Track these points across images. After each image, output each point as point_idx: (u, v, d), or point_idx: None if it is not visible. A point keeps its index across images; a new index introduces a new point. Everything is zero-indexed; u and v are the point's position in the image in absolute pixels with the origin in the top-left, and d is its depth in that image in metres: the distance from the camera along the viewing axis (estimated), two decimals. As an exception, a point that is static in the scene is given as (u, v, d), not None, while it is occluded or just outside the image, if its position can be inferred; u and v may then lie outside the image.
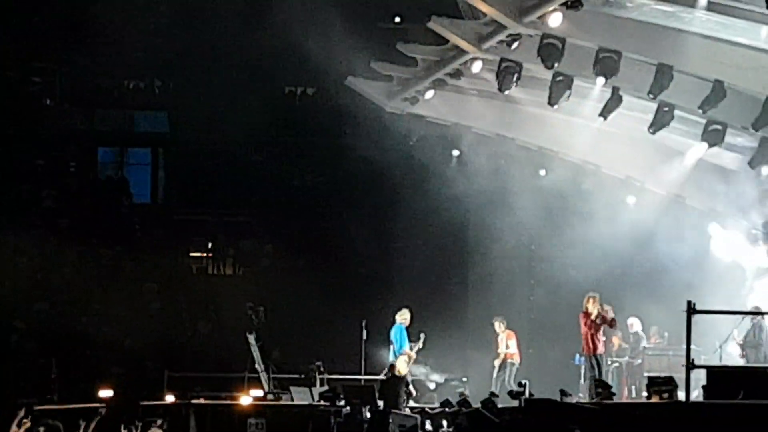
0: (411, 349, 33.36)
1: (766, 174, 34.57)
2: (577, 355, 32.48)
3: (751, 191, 35.46)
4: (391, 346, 33.36)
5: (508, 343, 33.15)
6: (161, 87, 52.80)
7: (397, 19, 36.88)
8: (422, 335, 33.88)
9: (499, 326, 33.39)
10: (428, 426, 27.03)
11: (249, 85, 45.88)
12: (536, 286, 41.32)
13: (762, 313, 29.13)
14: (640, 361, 31.99)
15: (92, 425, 26.37)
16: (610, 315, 29.80)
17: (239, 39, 44.33)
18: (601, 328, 29.05)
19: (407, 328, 33.48)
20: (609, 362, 31.30)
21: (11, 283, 46.17)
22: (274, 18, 38.66)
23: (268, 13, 39.50)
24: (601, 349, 28.89)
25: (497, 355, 34.46)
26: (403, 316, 33.64)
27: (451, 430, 26.13)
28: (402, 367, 32.75)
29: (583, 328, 29.10)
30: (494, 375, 33.00)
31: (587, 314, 28.81)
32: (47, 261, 47.45)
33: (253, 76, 44.16)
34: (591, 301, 28.83)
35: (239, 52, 44.41)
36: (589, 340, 28.87)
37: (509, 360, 32.55)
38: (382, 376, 34.20)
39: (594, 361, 28.82)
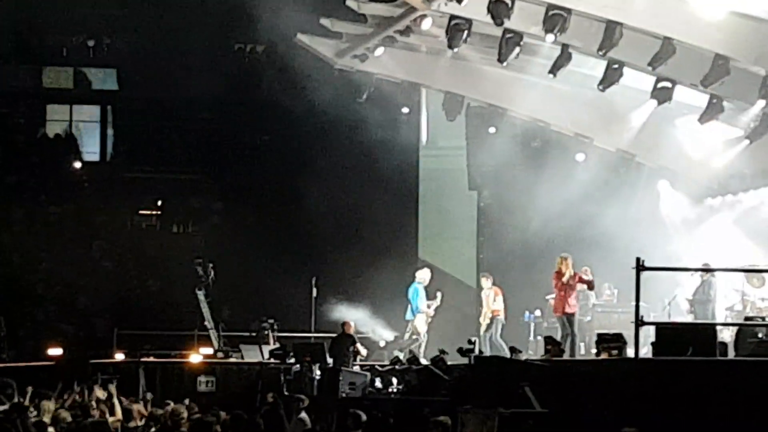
0: (429, 307, 33.31)
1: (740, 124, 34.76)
2: (527, 313, 32.64)
3: (699, 148, 35.72)
4: (409, 306, 33.35)
5: (495, 299, 33.03)
6: (110, 44, 51.93)
7: None
8: (439, 294, 33.79)
9: (485, 282, 33.34)
10: (378, 383, 27.02)
11: (199, 42, 45.45)
12: (486, 245, 41.27)
13: (711, 270, 29.29)
14: (589, 318, 32.19)
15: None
16: (588, 277, 29.82)
17: None
18: (576, 289, 28.99)
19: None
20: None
21: None
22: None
23: None
24: (570, 309, 28.78)
25: (483, 313, 34.31)
26: (422, 276, 33.62)
27: (400, 387, 26.15)
28: (420, 325, 33.06)
29: (555, 288, 29.10)
30: (482, 332, 32.78)
31: (559, 274, 28.81)
32: None
33: (202, 33, 43.54)
34: (562, 261, 28.82)
35: (189, 8, 43.38)
36: (559, 300, 28.87)
37: (497, 317, 32.41)
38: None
39: (566, 320, 28.72)
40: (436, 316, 33.57)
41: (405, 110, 40.46)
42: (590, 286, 29.60)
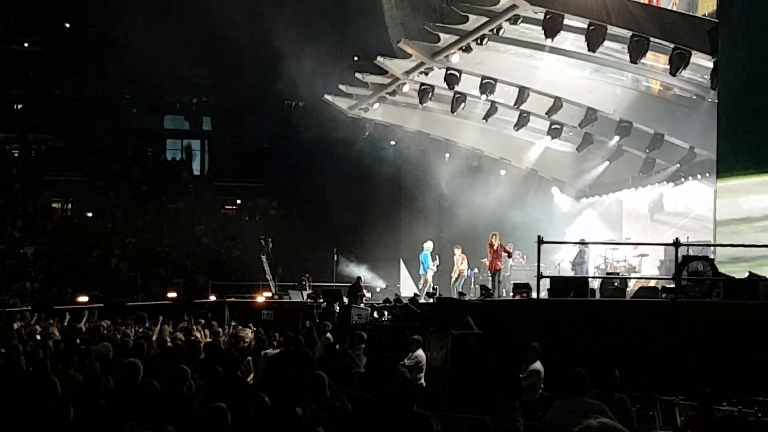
0: (433, 265, 32.81)
1: (595, 153, 35.12)
2: (469, 270, 32.66)
3: (581, 166, 35.91)
4: (421, 266, 32.85)
5: (462, 262, 32.71)
6: (207, 101, 52.35)
7: (356, 58, 37.10)
8: (437, 257, 33.28)
9: (456, 250, 32.88)
10: (375, 314, 27.10)
11: (262, 98, 45.47)
12: (444, 227, 41.05)
13: (586, 243, 29.35)
14: (508, 273, 32.06)
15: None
16: (509, 249, 29.85)
17: (252, 63, 43.07)
18: (502, 255, 29.05)
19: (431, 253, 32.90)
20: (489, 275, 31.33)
21: (111, 225, 46.22)
22: (278, 54, 38.64)
23: (272, 51, 39.06)
24: (498, 268, 28.92)
25: (454, 270, 32.97)
26: (428, 246, 32.98)
27: (390, 317, 26.13)
28: (429, 277, 32.62)
29: (488, 255, 29.28)
30: (452, 284, 31.94)
31: (491, 245, 28.96)
32: (133, 212, 47.30)
33: (264, 93, 43.57)
34: (493, 237, 28.99)
35: (254, 76, 43.18)
36: (490, 262, 29.03)
37: (462, 274, 32.04)
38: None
39: (496, 276, 28.88)
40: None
41: (392, 143, 40.60)
42: (510, 254, 29.62)
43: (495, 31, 27.41)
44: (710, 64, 25.99)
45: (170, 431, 9.16)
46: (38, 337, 21.94)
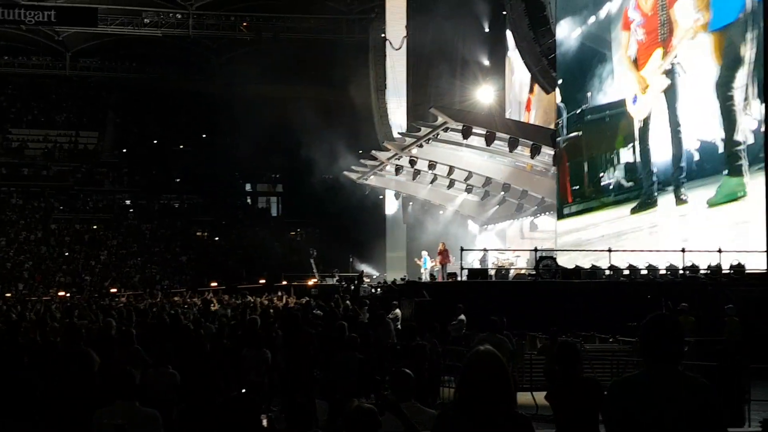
0: (431, 262, 29.03)
1: (492, 203, 34.79)
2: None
3: (484, 208, 35.60)
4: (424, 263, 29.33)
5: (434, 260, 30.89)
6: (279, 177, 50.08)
7: (360, 151, 36.50)
8: (423, 252, 29.93)
9: (424, 254, 29.81)
10: (372, 290, 26.28)
11: (308, 173, 41.64)
12: (410, 244, 38.98)
13: (487, 250, 28.86)
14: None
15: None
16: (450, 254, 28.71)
17: (303, 151, 39.50)
18: (446, 256, 27.98)
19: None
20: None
21: (230, 244, 44.40)
22: (318, 148, 38.47)
23: (317, 146, 38.81)
24: (445, 262, 27.56)
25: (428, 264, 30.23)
26: (423, 253, 29.39)
27: (381, 291, 25.13)
28: (428, 271, 28.84)
29: (438, 255, 28.14)
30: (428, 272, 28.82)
31: (441, 251, 27.95)
32: (241, 237, 43.91)
33: (310, 169, 40.33)
34: (442, 245, 28.08)
35: (305, 152, 39.54)
36: (442, 260, 27.77)
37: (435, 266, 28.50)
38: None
39: (443, 267, 27.26)
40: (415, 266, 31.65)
41: (381, 197, 40.36)
42: (449, 258, 28.65)
43: (435, 135, 27.43)
44: (552, 152, 26.12)
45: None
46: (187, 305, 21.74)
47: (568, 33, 26.37)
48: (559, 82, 26.88)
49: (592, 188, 24.94)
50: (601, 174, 24.44)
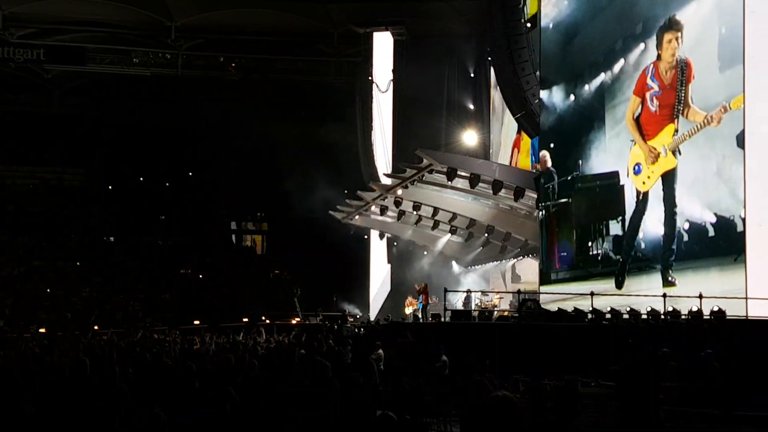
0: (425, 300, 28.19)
1: (475, 244, 34.91)
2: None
3: (467, 250, 35.70)
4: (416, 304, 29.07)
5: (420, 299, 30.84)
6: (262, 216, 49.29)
7: (345, 191, 36.72)
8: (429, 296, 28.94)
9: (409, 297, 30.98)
10: (356, 330, 26.24)
11: (292, 211, 40.93)
12: (394, 281, 39.22)
13: (470, 291, 28.91)
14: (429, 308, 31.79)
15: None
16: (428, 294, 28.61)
17: (289, 190, 39.13)
18: (428, 295, 27.91)
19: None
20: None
21: (215, 283, 43.66)
22: (304, 188, 38.37)
23: (302, 186, 38.61)
24: (427, 302, 27.71)
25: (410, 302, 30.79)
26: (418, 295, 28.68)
27: (364, 331, 25.13)
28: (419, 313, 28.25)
29: (422, 294, 28.03)
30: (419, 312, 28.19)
31: (423, 291, 27.90)
32: (229, 276, 43.13)
33: (300, 209, 39.59)
34: (425, 285, 28.11)
35: (288, 196, 39.73)
36: (424, 298, 27.80)
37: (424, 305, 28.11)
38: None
39: (426, 308, 27.22)
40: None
41: (366, 237, 40.40)
42: (429, 297, 28.59)
43: (420, 177, 27.59)
44: (535, 195, 26.29)
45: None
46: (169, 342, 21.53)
47: (558, 97, 26.24)
48: (551, 146, 26.70)
49: (580, 257, 24.54)
50: (590, 244, 24.13)
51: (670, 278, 19.61)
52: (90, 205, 45.45)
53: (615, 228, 22.74)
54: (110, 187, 47.17)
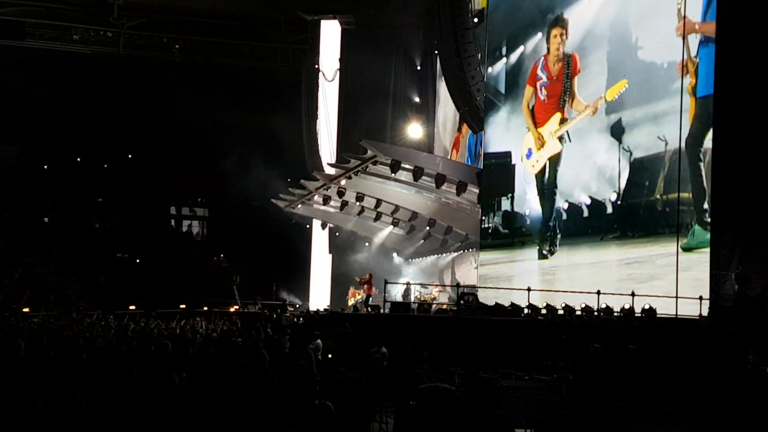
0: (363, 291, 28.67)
1: (417, 237, 35.06)
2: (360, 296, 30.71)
3: (409, 242, 35.87)
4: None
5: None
6: (203, 201, 49.96)
7: (288, 179, 36.43)
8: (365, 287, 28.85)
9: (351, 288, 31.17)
10: (295, 319, 25.58)
11: (230, 198, 40.92)
12: (335, 273, 39.04)
13: (410, 284, 29.02)
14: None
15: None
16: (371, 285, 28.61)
17: (232, 177, 38.67)
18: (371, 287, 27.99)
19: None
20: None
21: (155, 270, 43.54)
22: (246, 174, 37.97)
23: (245, 173, 38.23)
24: (370, 293, 27.63)
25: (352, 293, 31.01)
26: (357, 291, 29.49)
27: (303, 320, 24.89)
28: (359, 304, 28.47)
29: (364, 285, 28.08)
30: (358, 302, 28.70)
31: (368, 281, 27.89)
32: (169, 261, 43.44)
33: (229, 193, 39.96)
34: (369, 275, 28.11)
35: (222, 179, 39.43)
36: (366, 291, 27.80)
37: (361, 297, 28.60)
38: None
39: (368, 299, 27.26)
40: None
41: (308, 226, 40.28)
42: (372, 288, 28.64)
43: (364, 168, 27.62)
44: (477, 191, 26.55)
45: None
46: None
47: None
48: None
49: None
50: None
51: (544, 252, 22.44)
52: (24, 184, 44.23)
53: (505, 204, 25.46)
54: (45, 167, 45.94)
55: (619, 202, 19.82)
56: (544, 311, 18.39)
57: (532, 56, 24.24)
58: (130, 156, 46.86)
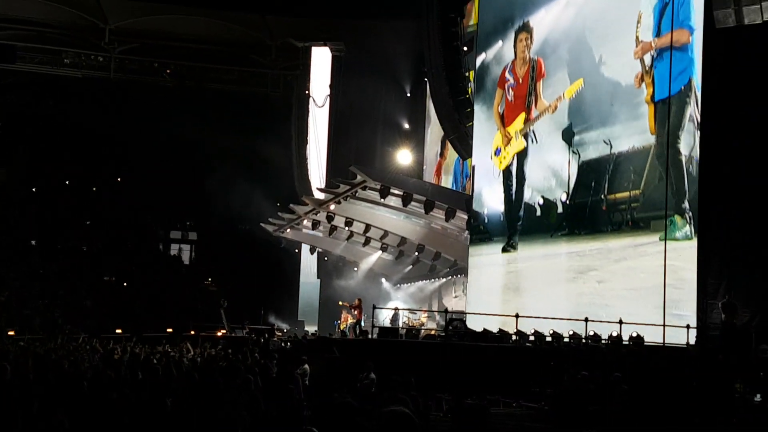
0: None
1: (406, 262, 35.07)
2: (336, 321, 30.47)
3: (397, 268, 35.80)
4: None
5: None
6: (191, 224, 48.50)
7: (278, 204, 36.38)
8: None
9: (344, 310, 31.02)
10: (282, 344, 25.37)
11: (226, 223, 40.91)
12: (322, 297, 39.14)
13: (398, 309, 28.93)
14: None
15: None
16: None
17: (221, 202, 38.24)
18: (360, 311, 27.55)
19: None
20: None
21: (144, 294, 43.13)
22: (235, 199, 37.90)
23: (234, 199, 38.20)
24: (359, 317, 27.38)
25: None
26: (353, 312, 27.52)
27: (290, 345, 24.58)
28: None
29: (354, 309, 27.66)
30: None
31: (357, 306, 27.51)
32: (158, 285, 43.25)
33: (228, 221, 39.91)
34: (358, 300, 27.76)
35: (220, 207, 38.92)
36: (355, 315, 27.40)
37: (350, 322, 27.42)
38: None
39: (357, 324, 26.99)
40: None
41: (296, 251, 40.21)
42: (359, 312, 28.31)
43: (353, 193, 27.67)
44: (465, 216, 26.62)
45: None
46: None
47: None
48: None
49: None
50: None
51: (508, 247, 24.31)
52: (11, 206, 44.01)
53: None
54: (33, 189, 45.76)
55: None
56: (532, 338, 18.37)
57: (494, 63, 26.06)
58: (119, 179, 46.78)
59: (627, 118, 19.39)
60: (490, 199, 25.98)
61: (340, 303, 28.93)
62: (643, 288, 17.89)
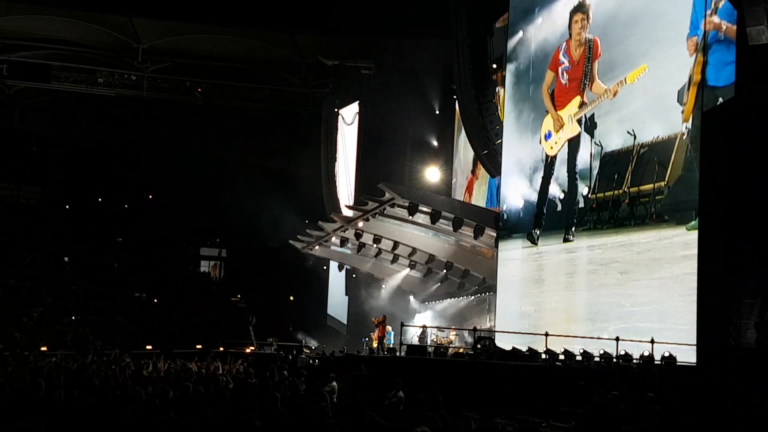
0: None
1: (434, 280, 34.96)
2: (364, 338, 30.51)
3: (425, 285, 35.77)
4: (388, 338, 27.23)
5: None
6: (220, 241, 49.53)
7: (306, 221, 36.59)
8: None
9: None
10: (311, 361, 25.59)
11: (248, 239, 41.84)
12: (351, 314, 39.33)
13: (426, 327, 28.80)
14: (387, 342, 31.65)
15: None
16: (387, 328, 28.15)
17: (248, 220, 39.83)
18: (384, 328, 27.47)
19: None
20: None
21: (180, 312, 43.62)
22: (264, 218, 38.03)
23: (263, 218, 38.40)
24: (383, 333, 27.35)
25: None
26: (389, 329, 27.19)
27: (318, 362, 24.58)
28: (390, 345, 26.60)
29: (378, 327, 27.60)
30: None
31: (382, 323, 27.46)
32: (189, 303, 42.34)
33: (248, 234, 40.51)
34: (383, 317, 27.68)
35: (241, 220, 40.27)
36: (381, 332, 27.40)
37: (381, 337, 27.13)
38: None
39: (382, 341, 26.35)
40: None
41: (324, 267, 40.33)
42: (383, 330, 28.19)
43: (381, 210, 27.72)
44: (494, 234, 26.51)
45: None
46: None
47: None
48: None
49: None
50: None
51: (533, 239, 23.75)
52: (44, 223, 44.68)
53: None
54: (67, 207, 46.46)
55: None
56: (561, 357, 18.22)
57: (530, 41, 24.98)
58: (150, 196, 47.39)
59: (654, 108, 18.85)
60: (511, 195, 25.53)
61: (374, 320, 28.86)
62: (669, 277, 17.57)
